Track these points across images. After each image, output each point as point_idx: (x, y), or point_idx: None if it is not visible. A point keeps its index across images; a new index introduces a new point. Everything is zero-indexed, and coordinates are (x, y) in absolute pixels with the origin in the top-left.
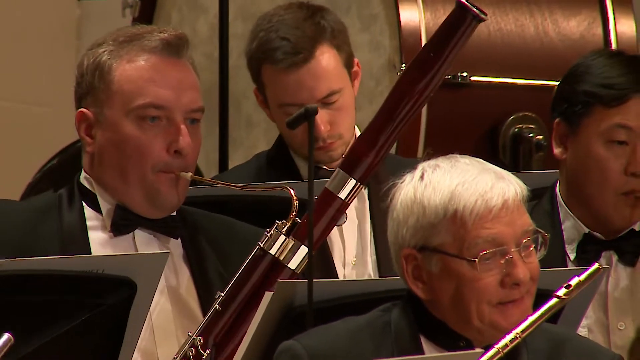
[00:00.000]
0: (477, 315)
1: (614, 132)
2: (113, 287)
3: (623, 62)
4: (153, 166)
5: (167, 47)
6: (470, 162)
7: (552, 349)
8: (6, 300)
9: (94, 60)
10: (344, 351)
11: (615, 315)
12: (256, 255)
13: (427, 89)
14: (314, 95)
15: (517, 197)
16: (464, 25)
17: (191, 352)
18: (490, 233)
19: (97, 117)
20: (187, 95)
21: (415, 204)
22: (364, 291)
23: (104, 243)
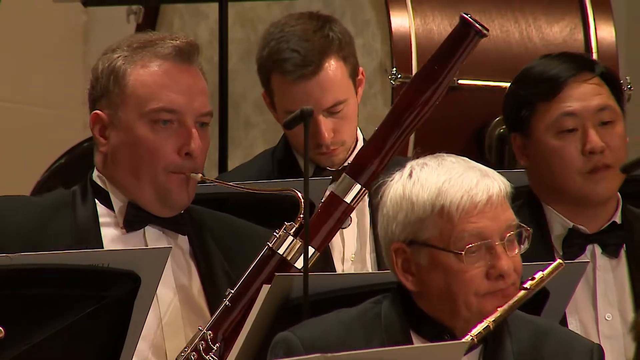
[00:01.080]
0: (465, 305)
1: (561, 122)
2: (118, 281)
3: (559, 57)
4: (164, 167)
5: (179, 53)
6: (456, 160)
7: (535, 339)
8: (16, 293)
9: (109, 65)
10: (337, 341)
11: (603, 306)
12: (265, 255)
13: (431, 101)
14: (321, 105)
15: (501, 193)
16: (467, 40)
17: (201, 346)
18: (475, 227)
19: (111, 119)
20: (197, 100)
21: (404, 200)
22: (357, 284)
23: (115, 239)
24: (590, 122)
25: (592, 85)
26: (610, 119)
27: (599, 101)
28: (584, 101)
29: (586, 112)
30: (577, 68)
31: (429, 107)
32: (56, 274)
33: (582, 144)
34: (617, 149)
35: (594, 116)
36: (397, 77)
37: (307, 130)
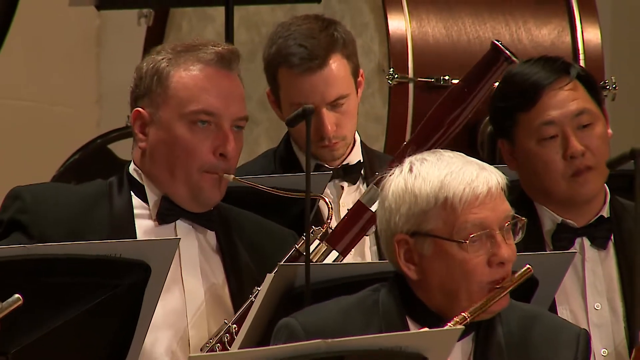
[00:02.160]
0: (466, 293)
1: (542, 130)
2: (130, 270)
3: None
4: (200, 167)
5: (221, 59)
6: (453, 155)
7: (524, 324)
8: (34, 281)
9: (153, 66)
10: (336, 327)
11: (592, 296)
12: (292, 256)
13: (458, 120)
14: (325, 98)
15: (499, 185)
16: (496, 66)
17: (226, 338)
18: (477, 217)
19: (152, 117)
20: (235, 104)
21: (407, 193)
22: (356, 273)
23: (148, 230)
24: (570, 128)
25: (568, 91)
26: (588, 122)
27: (576, 106)
28: (562, 108)
29: (564, 118)
30: (553, 75)
31: (457, 126)
32: (70, 263)
33: (563, 149)
34: (597, 150)
35: (573, 121)
36: (394, 77)
37: (308, 128)
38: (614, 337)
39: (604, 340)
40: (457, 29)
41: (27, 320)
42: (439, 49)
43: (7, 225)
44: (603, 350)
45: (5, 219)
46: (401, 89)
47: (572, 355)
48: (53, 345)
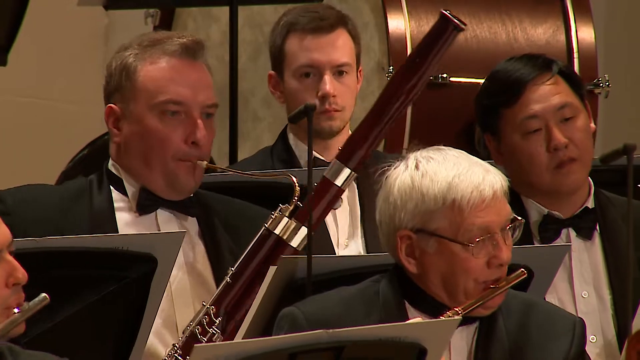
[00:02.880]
0: (464, 291)
1: (526, 124)
2: (137, 262)
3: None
4: (173, 155)
5: (186, 50)
6: (458, 154)
7: (522, 313)
8: (43, 273)
9: (121, 62)
10: (338, 316)
11: (579, 284)
12: (262, 235)
13: (413, 91)
14: (331, 60)
15: (503, 189)
16: (446, 35)
17: (205, 320)
18: (483, 221)
19: (123, 111)
20: (202, 93)
21: (413, 191)
22: (355, 265)
23: (129, 222)
24: (553, 121)
25: (550, 86)
26: (571, 115)
27: (558, 100)
28: (544, 102)
29: (547, 112)
30: (535, 71)
31: (412, 97)
32: (79, 256)
33: (547, 142)
34: (580, 142)
35: (555, 114)
36: None
37: (310, 125)
38: (602, 325)
39: (592, 328)
40: None
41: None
42: None
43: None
44: (592, 337)
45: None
46: None
47: (568, 342)
48: (63, 335)
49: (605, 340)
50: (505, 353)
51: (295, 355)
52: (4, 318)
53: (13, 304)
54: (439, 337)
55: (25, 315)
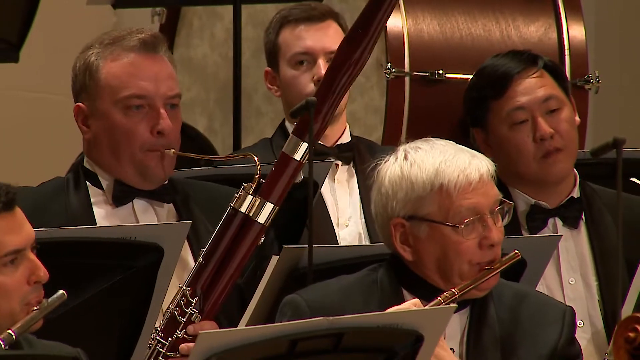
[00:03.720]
0: (459, 273)
1: (513, 116)
2: (144, 252)
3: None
4: (140, 146)
5: (144, 45)
6: (445, 143)
7: (514, 302)
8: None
9: (84, 62)
10: (338, 303)
11: (566, 272)
12: (229, 214)
13: (360, 61)
14: (324, 46)
15: (489, 172)
16: (386, 3)
17: (182, 301)
18: (471, 203)
19: (90, 109)
20: (164, 84)
21: (403, 180)
22: (354, 255)
23: (107, 215)
24: (538, 112)
25: (536, 79)
26: (556, 107)
27: (544, 92)
28: (530, 94)
29: (533, 103)
30: (521, 65)
31: (359, 67)
32: (87, 246)
33: (533, 133)
34: (565, 133)
35: (541, 106)
36: (391, 72)
37: (311, 121)
38: (589, 310)
39: (579, 313)
40: (450, 26)
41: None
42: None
43: None
44: (579, 322)
45: None
46: (398, 83)
47: (558, 330)
48: (73, 323)
49: (592, 325)
50: (496, 339)
51: (296, 342)
52: (24, 314)
53: (33, 301)
54: (435, 325)
55: (44, 312)
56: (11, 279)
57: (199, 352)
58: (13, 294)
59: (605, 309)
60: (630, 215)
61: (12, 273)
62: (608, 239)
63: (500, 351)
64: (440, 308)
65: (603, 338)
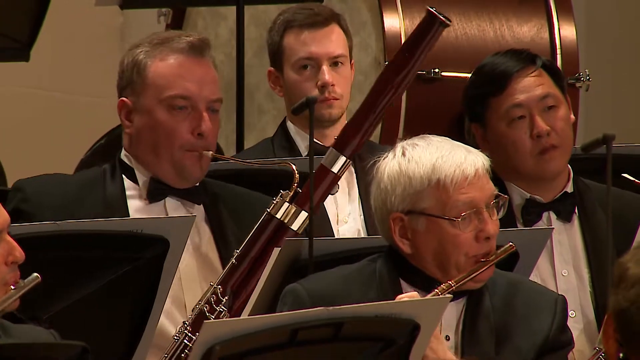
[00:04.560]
0: (455, 265)
1: (511, 112)
2: (150, 244)
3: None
4: (180, 146)
5: (192, 48)
6: (441, 139)
7: (508, 291)
8: (64, 254)
9: (132, 59)
10: (338, 293)
11: (559, 264)
12: (265, 219)
13: (403, 84)
14: (328, 52)
15: (484, 167)
16: (433, 30)
17: (212, 298)
18: (467, 197)
19: (134, 105)
20: (208, 88)
21: (401, 176)
22: (353, 247)
23: (140, 209)
24: (536, 110)
25: (534, 77)
26: (553, 104)
27: (541, 90)
28: (528, 92)
29: (531, 101)
30: (520, 63)
31: (402, 89)
32: (97, 238)
33: (530, 129)
34: (561, 130)
35: (538, 104)
36: None
37: (312, 116)
38: (581, 301)
39: (572, 304)
40: None
41: (58, 289)
42: None
43: (11, 214)
44: (571, 312)
45: (9, 209)
46: None
47: (550, 318)
48: (81, 313)
49: (584, 315)
50: (491, 328)
51: (297, 331)
52: (2, 293)
53: (10, 280)
54: (432, 314)
55: (20, 291)
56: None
57: (203, 341)
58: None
59: (597, 300)
60: (621, 209)
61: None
62: (600, 232)
63: (495, 339)
64: (436, 298)
65: (594, 328)
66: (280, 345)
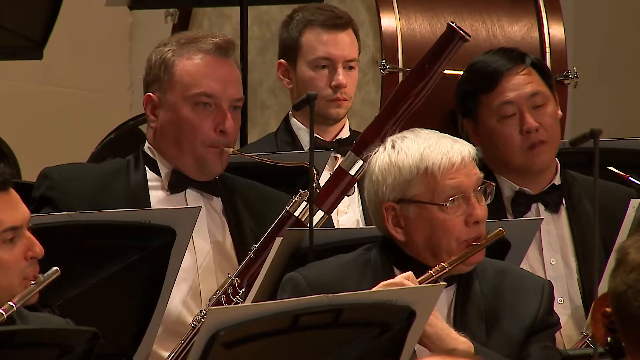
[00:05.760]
0: (447, 250)
1: (502, 109)
2: (158, 234)
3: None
4: (203, 142)
5: (219, 49)
6: (429, 131)
7: (497, 278)
8: (76, 244)
9: (160, 57)
10: (335, 280)
11: (548, 252)
12: (284, 216)
13: (422, 93)
14: (345, 55)
15: (470, 155)
16: (453, 44)
17: (230, 290)
18: (454, 182)
19: (160, 100)
20: (231, 87)
21: (391, 166)
22: (352, 237)
23: (161, 199)
24: (525, 107)
25: (524, 76)
26: (541, 102)
27: (531, 88)
28: (518, 90)
29: (521, 98)
30: (510, 62)
31: (420, 98)
32: (107, 228)
33: (520, 126)
34: (549, 127)
35: (528, 101)
36: (385, 68)
37: (312, 112)
38: (568, 288)
39: (559, 291)
40: (440, 26)
41: (69, 277)
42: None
43: (39, 201)
44: (559, 299)
45: (37, 195)
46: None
47: (537, 302)
48: (91, 300)
49: (572, 302)
50: (480, 313)
51: (298, 317)
52: (22, 288)
53: (30, 275)
54: (427, 301)
55: (40, 286)
56: (10, 255)
57: (208, 326)
58: (12, 269)
59: (584, 286)
60: (607, 201)
61: (11, 250)
62: (586, 222)
63: (485, 323)
64: (431, 286)
65: (582, 313)
66: (282, 330)
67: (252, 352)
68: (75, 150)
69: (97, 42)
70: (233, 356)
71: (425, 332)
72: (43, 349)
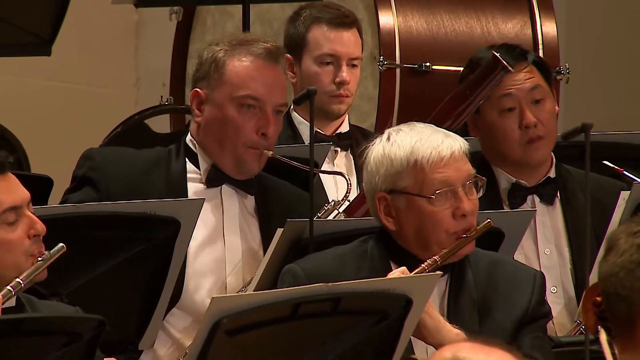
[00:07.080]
0: (436, 242)
1: (502, 102)
2: (163, 225)
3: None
4: (244, 143)
5: (269, 54)
6: (424, 125)
7: (489, 268)
8: (82, 234)
9: (212, 55)
10: (333, 271)
11: (542, 243)
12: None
13: (462, 116)
14: (350, 52)
15: (461, 150)
16: (495, 73)
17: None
18: (442, 176)
19: (207, 97)
20: (277, 93)
21: (384, 158)
22: (349, 228)
23: (198, 192)
24: (525, 102)
25: (525, 72)
26: (540, 97)
27: (531, 83)
28: (519, 85)
29: (521, 92)
30: (513, 60)
31: (460, 121)
32: (113, 219)
33: (519, 120)
34: (547, 122)
35: (527, 95)
36: (383, 64)
37: (312, 108)
38: (562, 278)
39: (553, 280)
40: (436, 23)
41: (76, 267)
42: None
43: (80, 180)
44: (553, 288)
45: (79, 174)
46: (390, 74)
47: (529, 292)
48: (98, 289)
49: (565, 291)
50: (473, 303)
51: (298, 306)
52: (29, 265)
53: (35, 252)
54: (423, 290)
55: (47, 262)
56: (13, 234)
57: (211, 314)
58: (16, 248)
59: (577, 276)
60: (600, 194)
61: (14, 229)
62: (579, 214)
63: (477, 313)
64: (427, 275)
65: (575, 302)
66: (282, 318)
67: (253, 339)
68: (82, 144)
69: (104, 40)
70: (235, 343)
71: (425, 323)
72: (51, 336)
